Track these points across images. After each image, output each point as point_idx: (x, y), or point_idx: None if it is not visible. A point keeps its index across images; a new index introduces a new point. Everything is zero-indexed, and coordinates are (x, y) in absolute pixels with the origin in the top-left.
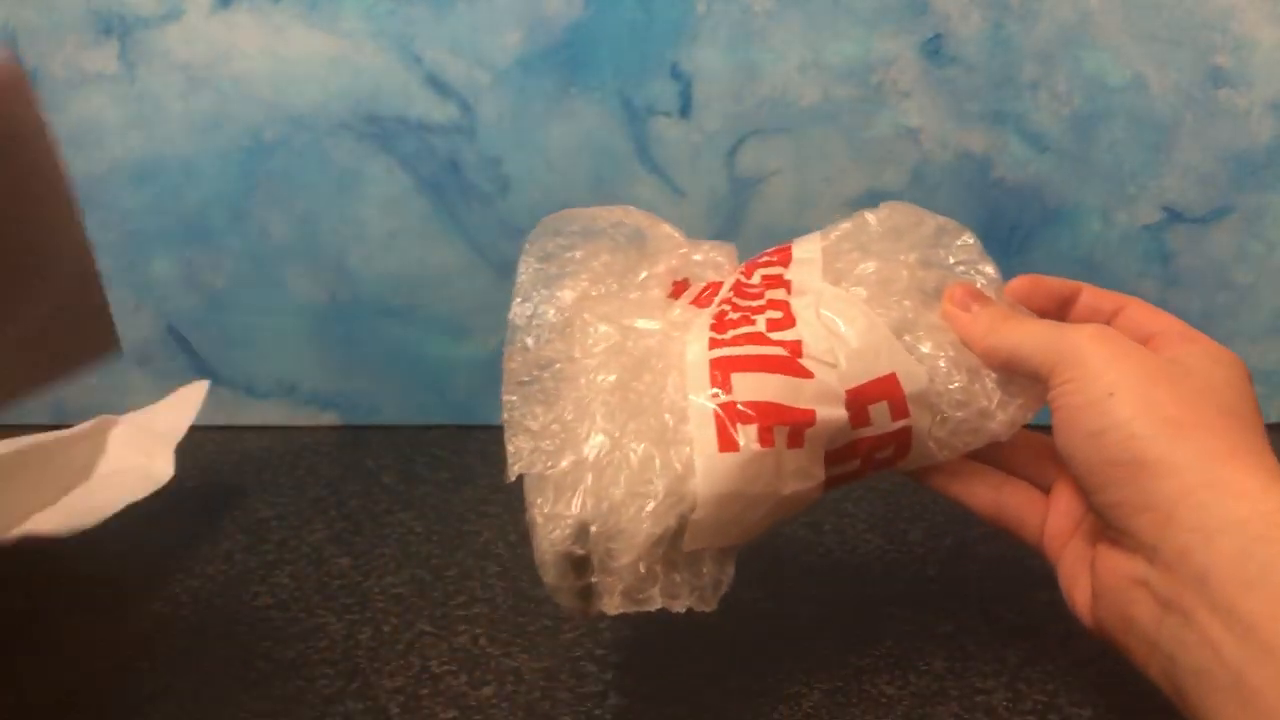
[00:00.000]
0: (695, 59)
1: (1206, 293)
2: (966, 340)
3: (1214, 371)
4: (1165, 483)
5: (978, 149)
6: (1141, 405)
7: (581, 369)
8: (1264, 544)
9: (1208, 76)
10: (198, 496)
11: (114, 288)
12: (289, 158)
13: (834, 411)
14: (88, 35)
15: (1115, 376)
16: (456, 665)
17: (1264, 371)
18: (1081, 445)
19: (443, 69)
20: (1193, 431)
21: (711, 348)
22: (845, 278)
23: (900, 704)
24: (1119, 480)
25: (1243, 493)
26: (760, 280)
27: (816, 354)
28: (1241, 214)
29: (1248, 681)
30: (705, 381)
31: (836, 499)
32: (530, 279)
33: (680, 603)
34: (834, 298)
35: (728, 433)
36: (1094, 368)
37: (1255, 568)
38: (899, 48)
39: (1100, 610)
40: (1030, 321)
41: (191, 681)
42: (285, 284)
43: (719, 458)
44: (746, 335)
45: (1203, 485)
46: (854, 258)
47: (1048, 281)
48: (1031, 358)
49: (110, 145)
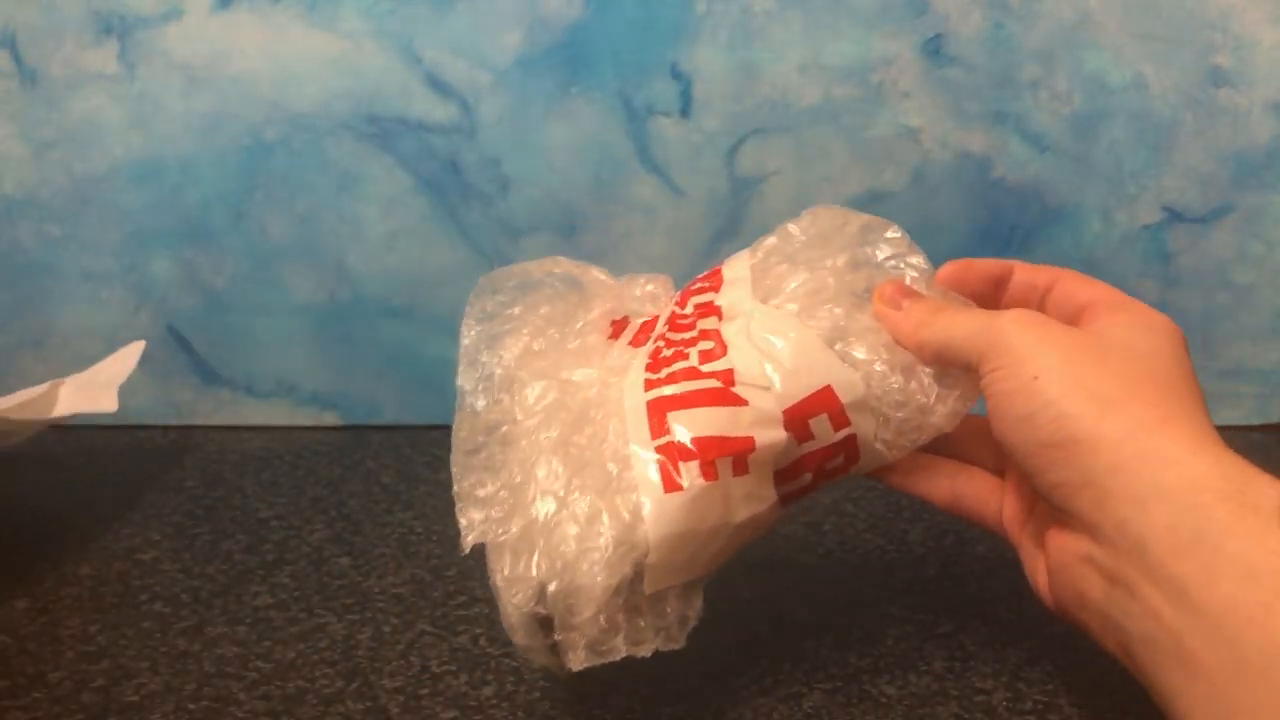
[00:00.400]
0: (695, 59)
1: (1206, 293)
2: (898, 338)
3: (1142, 341)
4: (1098, 458)
5: (978, 149)
6: (1068, 384)
7: (524, 430)
8: (1193, 510)
9: (1208, 76)
10: (198, 496)
11: (114, 288)
12: (289, 158)
13: (773, 434)
14: (88, 35)
15: (1040, 359)
16: (456, 665)
17: (1264, 371)
18: (1015, 430)
19: (443, 69)
20: (1122, 404)
21: (648, 389)
22: (775, 294)
23: (900, 704)
24: (1055, 461)
25: (1172, 460)
26: (693, 310)
27: (749, 379)
28: (1241, 214)
29: (1186, 646)
30: (644, 427)
31: (837, 499)
32: (473, 342)
33: (646, 647)
34: (764, 317)
35: (670, 474)
36: (1019, 353)
37: (1186, 534)
38: (899, 48)
39: (1056, 589)
40: (958, 312)
41: (192, 681)
42: (285, 284)
43: (665, 499)
44: (681, 372)
45: (1133, 457)
46: (782, 271)
47: (979, 264)
48: (961, 349)
49: (110, 145)
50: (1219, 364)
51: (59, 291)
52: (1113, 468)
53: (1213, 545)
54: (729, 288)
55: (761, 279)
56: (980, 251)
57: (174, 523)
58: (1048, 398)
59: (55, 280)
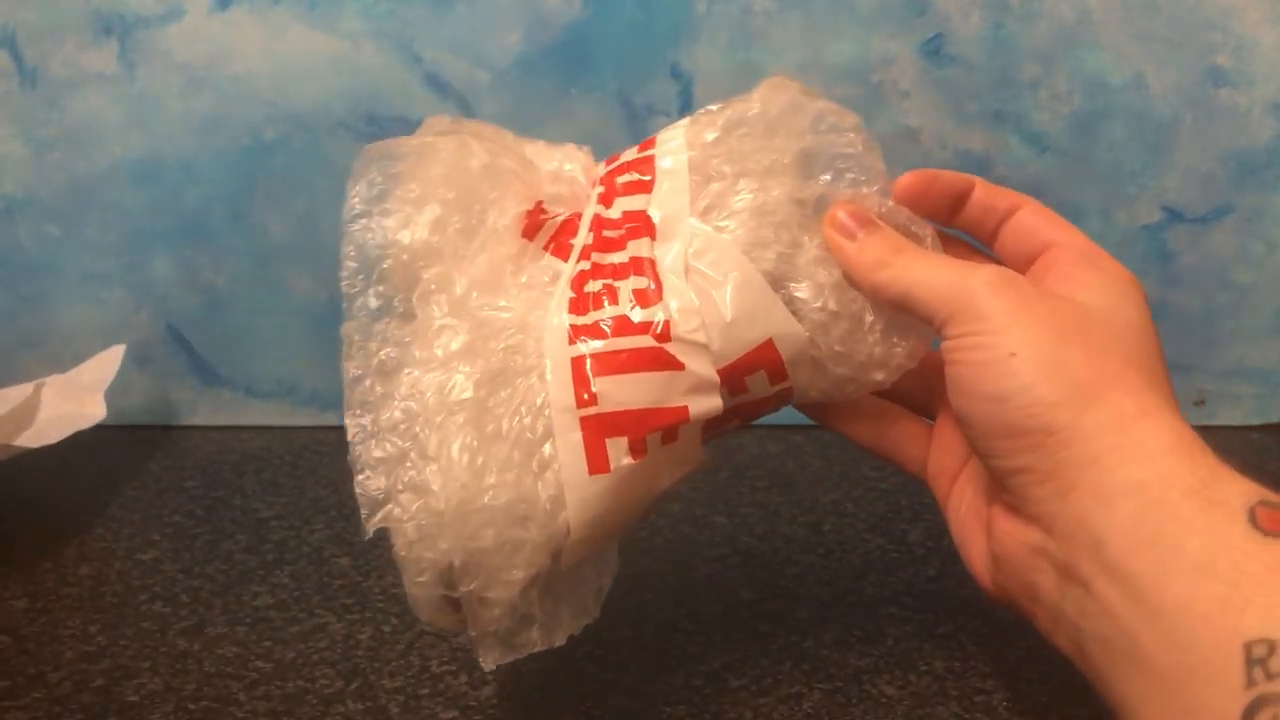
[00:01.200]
0: (695, 59)
1: (1207, 292)
2: (851, 273)
3: (1120, 312)
4: (1071, 451)
5: (978, 149)
6: (1047, 366)
7: (429, 378)
8: (1159, 507)
9: (1208, 76)
10: (198, 496)
11: (114, 288)
12: (289, 158)
13: (709, 402)
14: (88, 35)
15: (1018, 332)
16: (456, 665)
17: (1264, 371)
18: (981, 409)
19: (442, 69)
20: (1104, 394)
21: (573, 340)
22: (716, 210)
23: (900, 704)
24: (1021, 448)
25: (1148, 456)
26: (622, 216)
27: (686, 334)
28: (1242, 214)
29: (1140, 646)
30: (568, 388)
31: (837, 499)
32: (361, 231)
33: (561, 634)
34: (705, 245)
35: (598, 453)
36: (996, 321)
37: (1148, 530)
38: (899, 48)
39: (1002, 577)
40: (923, 257)
41: (192, 681)
42: (285, 284)
43: (590, 483)
44: (612, 322)
45: (1109, 452)
46: (726, 174)
47: (943, 177)
48: (926, 303)
49: (110, 145)
50: (1219, 364)
51: (59, 291)
52: (1086, 461)
53: (1172, 542)
54: (664, 185)
55: (703, 183)
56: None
57: (174, 523)
58: (1024, 380)
59: (55, 280)
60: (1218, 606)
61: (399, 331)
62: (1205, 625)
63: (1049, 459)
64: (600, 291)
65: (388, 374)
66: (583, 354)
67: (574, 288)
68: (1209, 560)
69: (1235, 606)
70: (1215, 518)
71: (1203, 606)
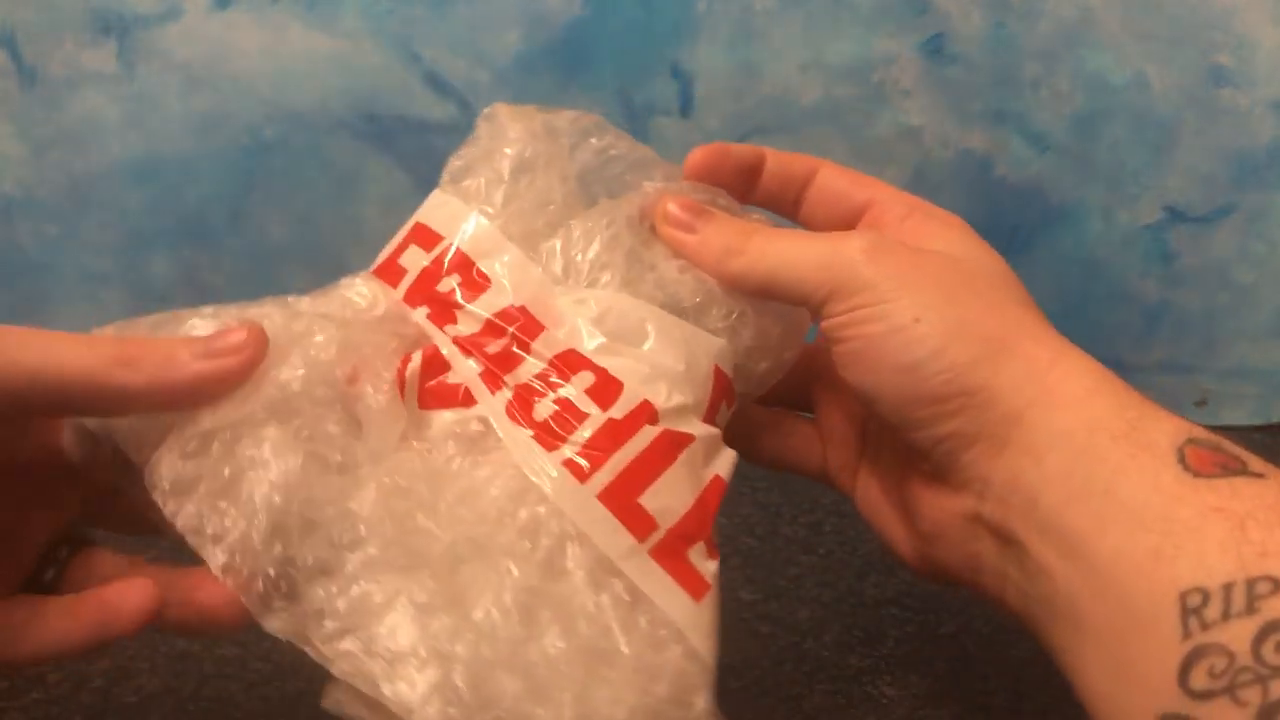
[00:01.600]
0: (696, 58)
1: (1208, 292)
2: (702, 268)
3: (983, 259)
4: (995, 409)
5: (979, 148)
6: (953, 327)
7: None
8: (1086, 456)
9: (1209, 76)
10: None
11: (113, 288)
12: (288, 157)
13: (728, 459)
14: (86, 35)
15: (914, 297)
16: None
17: (1265, 371)
18: (891, 381)
19: (442, 68)
20: (1012, 344)
21: (584, 480)
22: (573, 272)
23: (901, 704)
24: (942, 414)
25: (1071, 402)
26: (485, 326)
27: (667, 404)
28: (1243, 213)
29: (1079, 603)
30: (619, 533)
31: (837, 499)
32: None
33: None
34: (600, 308)
35: (688, 574)
36: (885, 289)
37: (1078, 482)
38: (900, 47)
39: (938, 553)
40: (777, 237)
41: (191, 681)
42: (285, 284)
43: (699, 608)
44: (602, 435)
45: (1032, 404)
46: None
47: (734, 151)
48: (797, 284)
49: (109, 145)
50: (1220, 364)
51: (58, 291)
52: (1012, 418)
53: (1103, 490)
54: (499, 270)
55: (531, 249)
56: None
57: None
58: (933, 344)
59: (54, 280)
60: (1150, 558)
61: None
62: (1139, 578)
63: (974, 421)
64: (558, 411)
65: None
66: (605, 487)
67: (524, 423)
68: (1140, 509)
69: (1167, 556)
70: (1144, 462)
71: (1136, 558)
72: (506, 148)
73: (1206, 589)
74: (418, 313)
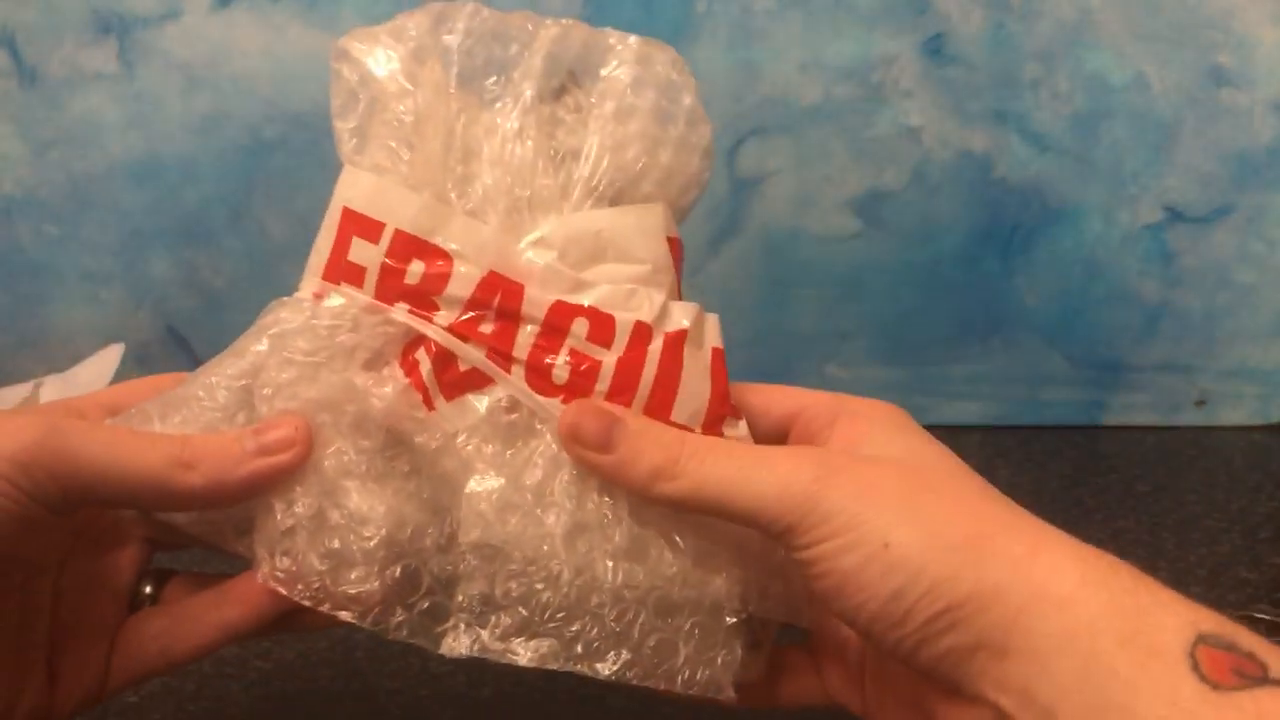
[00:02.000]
0: (695, 58)
1: (1207, 292)
2: (631, 489)
3: (927, 453)
4: (988, 616)
5: (979, 148)
6: (926, 541)
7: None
8: (1094, 661)
9: (1209, 76)
10: None
11: (114, 288)
12: (288, 157)
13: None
14: (87, 35)
15: (879, 519)
16: (456, 665)
17: (1265, 371)
18: (876, 610)
19: None
20: (986, 544)
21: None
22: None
23: None
24: (935, 634)
25: (1063, 600)
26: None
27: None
28: (1243, 213)
29: None
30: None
31: None
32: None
33: None
34: (566, 242)
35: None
36: (849, 515)
37: (1093, 694)
38: (900, 47)
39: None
40: (715, 454)
41: (192, 681)
42: (285, 284)
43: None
44: (616, 380)
45: (1024, 606)
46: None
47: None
48: (752, 516)
49: (109, 145)
50: (1220, 364)
51: (58, 291)
52: (1006, 623)
53: (1121, 706)
54: (458, 247)
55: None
56: (983, 250)
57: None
58: (911, 568)
59: (54, 280)
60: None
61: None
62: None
63: (968, 633)
64: (572, 367)
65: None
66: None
67: (549, 391)
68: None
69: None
70: (1157, 675)
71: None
72: (385, 95)
73: None
74: (397, 310)
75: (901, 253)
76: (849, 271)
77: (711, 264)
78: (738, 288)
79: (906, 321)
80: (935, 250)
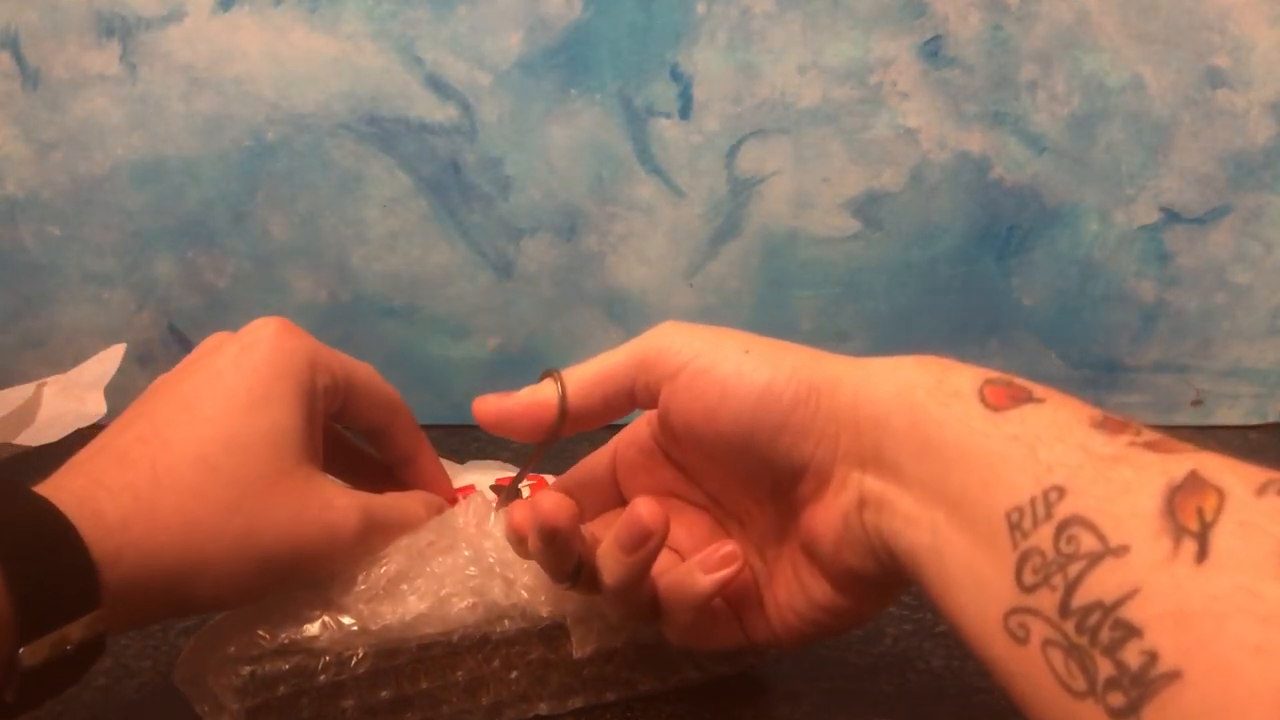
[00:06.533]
0: (695, 60)
1: (1204, 293)
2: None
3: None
4: (838, 397)
5: (976, 149)
6: (773, 348)
7: None
8: (912, 409)
9: (1206, 77)
10: None
11: (116, 288)
12: (290, 159)
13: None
14: (90, 36)
15: (731, 338)
16: None
17: (1262, 371)
18: (757, 403)
19: (443, 70)
20: (818, 353)
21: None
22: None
23: (899, 703)
24: (806, 418)
25: (885, 375)
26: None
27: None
28: (1239, 214)
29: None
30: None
31: None
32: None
33: None
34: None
35: None
36: (705, 340)
37: (919, 437)
38: (898, 49)
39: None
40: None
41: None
42: (287, 284)
43: None
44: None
45: (861, 385)
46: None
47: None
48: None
49: (112, 146)
50: (1216, 364)
51: (61, 292)
52: (853, 401)
53: (937, 441)
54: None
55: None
56: (980, 251)
57: None
58: (774, 361)
59: (57, 280)
60: (982, 488)
61: None
62: (979, 507)
63: (831, 418)
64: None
65: None
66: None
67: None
68: (965, 450)
69: (991, 485)
70: (957, 409)
71: (973, 492)
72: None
73: (1020, 506)
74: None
75: (899, 253)
76: (847, 272)
77: (711, 264)
78: (737, 288)
79: (904, 322)
80: (933, 251)
